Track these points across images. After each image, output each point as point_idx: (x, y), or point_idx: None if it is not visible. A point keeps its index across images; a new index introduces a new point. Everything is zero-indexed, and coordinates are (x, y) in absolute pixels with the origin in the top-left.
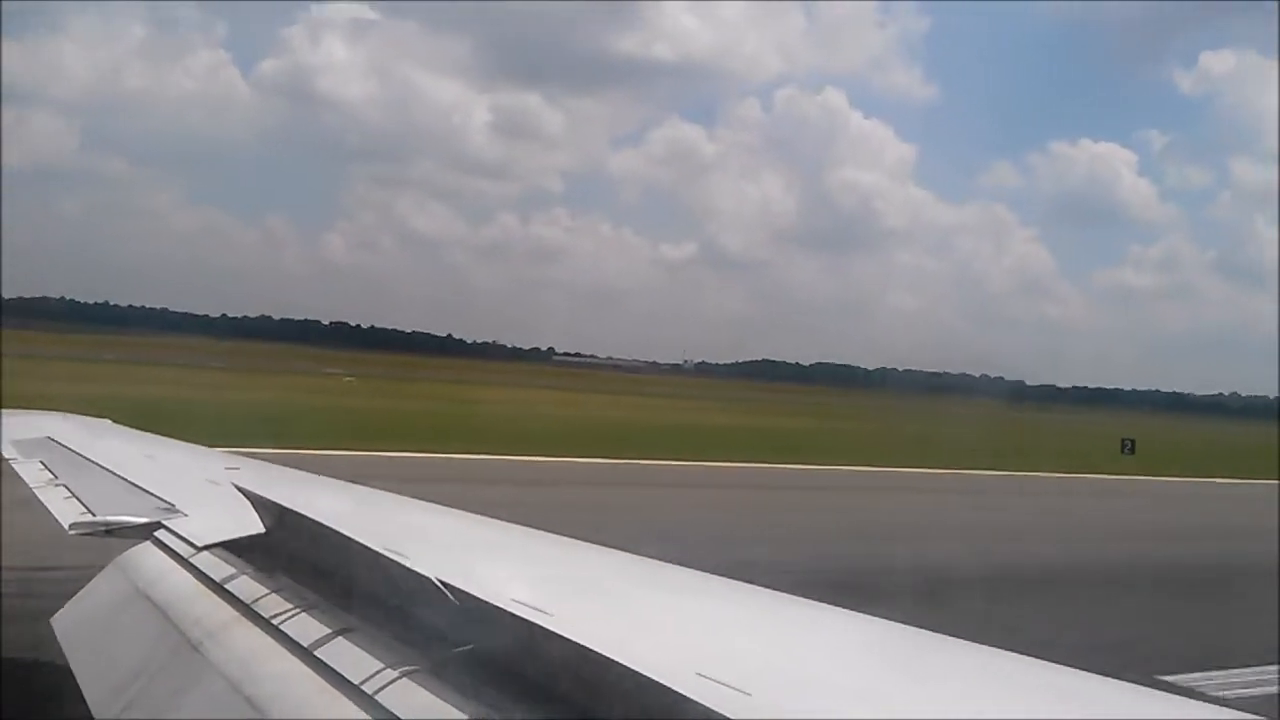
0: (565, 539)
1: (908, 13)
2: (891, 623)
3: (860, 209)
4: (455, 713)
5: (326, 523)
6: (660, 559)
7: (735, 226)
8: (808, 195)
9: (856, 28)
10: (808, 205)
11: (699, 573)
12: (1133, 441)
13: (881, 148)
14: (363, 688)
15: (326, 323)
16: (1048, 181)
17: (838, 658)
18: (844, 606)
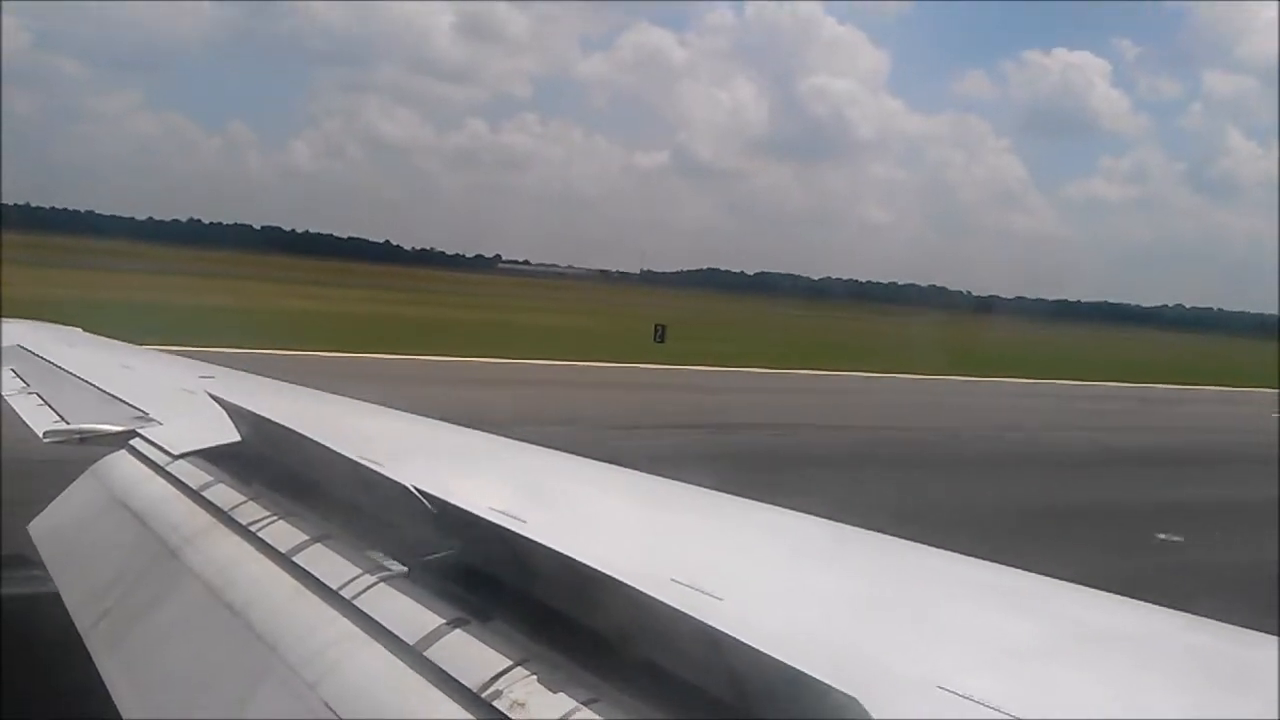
0: (543, 449)
1: None
2: (864, 530)
3: (832, 117)
4: (432, 616)
5: (302, 431)
6: None
7: (707, 134)
8: (779, 103)
9: None
10: (779, 113)
11: (676, 482)
12: (664, 329)
13: (854, 55)
14: (340, 593)
15: (258, 227)
16: (1021, 90)
17: (810, 564)
18: None
